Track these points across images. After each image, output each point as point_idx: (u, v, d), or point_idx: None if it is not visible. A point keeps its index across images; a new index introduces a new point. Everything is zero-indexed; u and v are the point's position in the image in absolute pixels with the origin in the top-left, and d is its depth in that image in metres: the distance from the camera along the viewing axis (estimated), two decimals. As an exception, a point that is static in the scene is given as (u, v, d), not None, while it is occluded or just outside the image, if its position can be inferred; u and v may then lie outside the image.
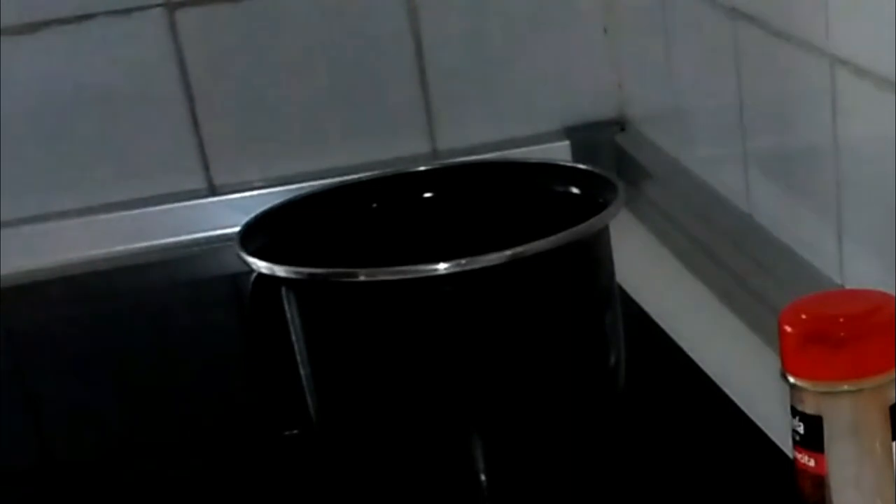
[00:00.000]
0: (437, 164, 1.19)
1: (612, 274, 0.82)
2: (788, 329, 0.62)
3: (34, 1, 1.19)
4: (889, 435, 0.62)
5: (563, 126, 1.28)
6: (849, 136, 0.84)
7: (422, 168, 0.91)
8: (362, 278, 0.75)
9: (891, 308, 0.62)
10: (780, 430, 0.76)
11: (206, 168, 1.25)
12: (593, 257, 0.80)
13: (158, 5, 1.21)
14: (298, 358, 0.79)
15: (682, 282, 1.07)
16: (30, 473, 0.94)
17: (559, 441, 0.79)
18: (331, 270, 0.76)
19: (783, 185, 0.96)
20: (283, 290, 0.78)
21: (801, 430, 0.63)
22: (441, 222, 0.87)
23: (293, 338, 0.79)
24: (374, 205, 0.88)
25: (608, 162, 1.23)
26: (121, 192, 1.24)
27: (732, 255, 1.01)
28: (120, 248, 1.23)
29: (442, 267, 0.74)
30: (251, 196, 1.23)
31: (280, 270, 0.77)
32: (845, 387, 0.62)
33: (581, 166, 0.89)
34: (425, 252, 0.78)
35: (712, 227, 1.05)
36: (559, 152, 1.25)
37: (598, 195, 0.81)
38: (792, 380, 0.62)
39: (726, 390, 0.87)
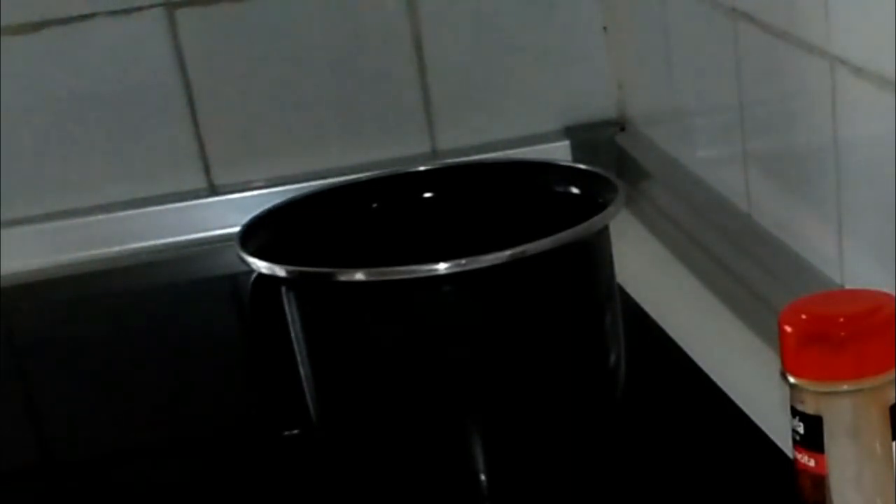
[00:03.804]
0: (437, 164, 1.19)
1: (612, 274, 0.82)
2: (788, 329, 0.62)
3: (34, 1, 1.19)
4: (889, 435, 0.62)
5: (563, 126, 1.28)
6: (849, 136, 0.84)
7: (422, 168, 0.91)
8: (362, 278, 0.75)
9: (891, 308, 0.61)
10: (780, 430, 0.76)
11: (206, 168, 1.25)
12: (593, 257, 0.80)
13: (158, 5, 1.21)
14: (298, 358, 0.79)
15: (682, 282, 1.07)
16: (30, 473, 0.94)
17: (559, 441, 0.79)
18: (331, 270, 0.76)
19: (783, 185, 0.96)
20: (283, 290, 0.78)
21: (801, 430, 0.63)
22: (441, 222, 0.87)
23: (293, 338, 0.79)
24: (374, 205, 0.88)
25: (608, 162, 1.23)
26: (121, 192, 1.24)
27: (732, 255, 1.01)
28: (120, 248, 1.23)
29: (442, 267, 0.74)
30: (251, 196, 1.23)
31: (280, 270, 0.77)
32: (845, 387, 0.62)
33: (581, 166, 0.90)
34: (425, 252, 0.78)
35: (712, 227, 1.05)
36: (559, 152, 1.25)
37: (598, 195, 0.81)
38: (792, 380, 0.62)
39: (726, 390, 0.87)
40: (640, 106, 1.25)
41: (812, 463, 0.63)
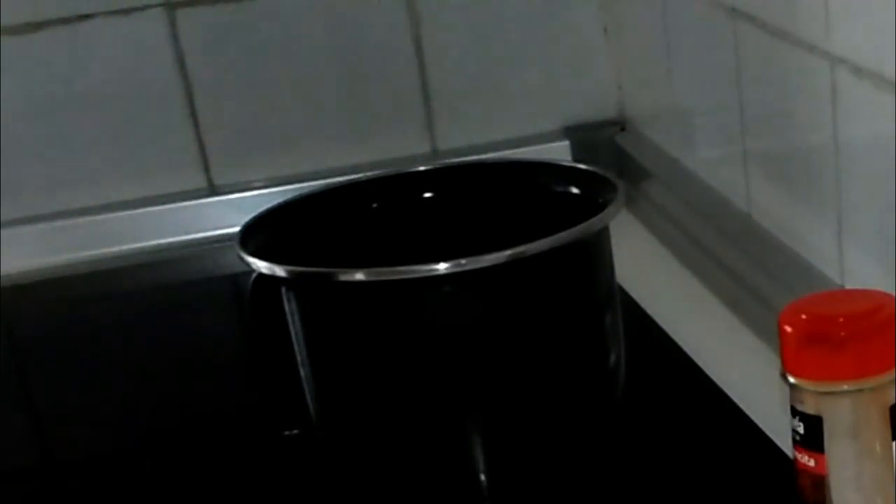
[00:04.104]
0: (437, 164, 1.19)
1: (612, 274, 0.82)
2: (788, 329, 0.62)
3: (34, 1, 1.19)
4: (889, 435, 0.62)
5: (563, 126, 1.28)
6: (849, 136, 0.84)
7: (422, 168, 0.91)
8: (362, 278, 0.75)
9: (891, 308, 0.62)
10: (780, 430, 0.76)
11: (206, 168, 1.25)
12: (593, 257, 0.80)
13: (158, 5, 1.21)
14: (298, 358, 0.79)
15: (682, 282, 1.07)
16: (30, 473, 0.94)
17: (559, 441, 0.79)
18: (331, 270, 0.76)
19: (783, 185, 0.96)
20: (283, 290, 0.78)
21: (801, 430, 0.63)
22: (441, 222, 0.87)
23: (293, 338, 0.79)
24: (374, 205, 0.88)
25: (608, 162, 1.23)
26: (121, 192, 1.24)
27: (732, 255, 1.01)
28: (120, 248, 1.23)
29: (442, 267, 0.74)
30: (251, 196, 1.23)
31: (280, 270, 0.77)
32: (845, 387, 0.62)
33: (581, 166, 0.89)
34: (425, 252, 0.78)
35: (712, 227, 1.05)
36: (559, 152, 1.25)
37: (598, 195, 0.81)
38: (792, 380, 0.62)
39: (726, 390, 0.87)
40: (640, 106, 1.25)
41: (812, 463, 0.63)
